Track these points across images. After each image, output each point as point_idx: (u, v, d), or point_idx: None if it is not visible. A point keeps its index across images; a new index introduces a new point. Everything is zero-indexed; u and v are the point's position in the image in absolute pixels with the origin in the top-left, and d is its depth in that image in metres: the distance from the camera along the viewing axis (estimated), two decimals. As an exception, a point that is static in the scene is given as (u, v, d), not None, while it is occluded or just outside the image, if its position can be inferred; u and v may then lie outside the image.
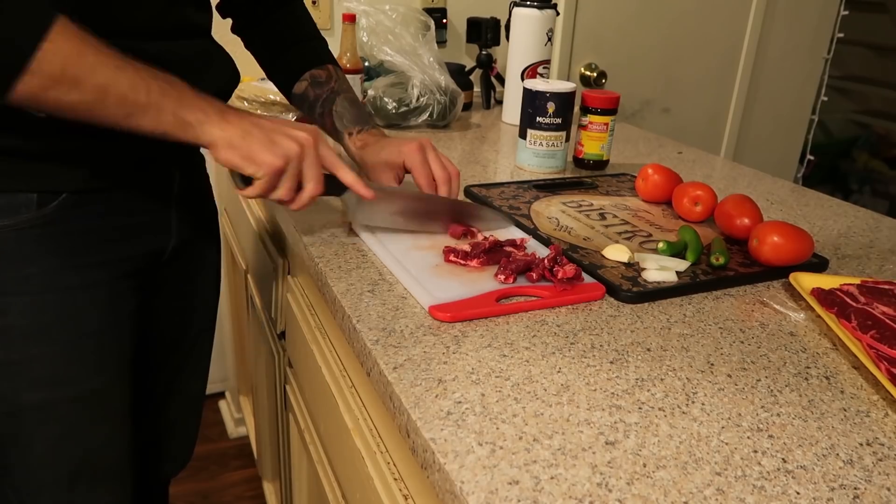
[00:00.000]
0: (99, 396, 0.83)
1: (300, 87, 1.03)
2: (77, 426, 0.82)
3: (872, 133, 3.05)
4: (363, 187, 0.80)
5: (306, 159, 0.75)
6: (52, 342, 0.77)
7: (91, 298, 0.79)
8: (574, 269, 0.77)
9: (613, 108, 1.23)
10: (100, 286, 0.79)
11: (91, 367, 0.81)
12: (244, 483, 1.84)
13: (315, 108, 1.02)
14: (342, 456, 0.84)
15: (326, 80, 1.02)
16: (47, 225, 0.73)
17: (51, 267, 0.75)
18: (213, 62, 0.86)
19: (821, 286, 0.80)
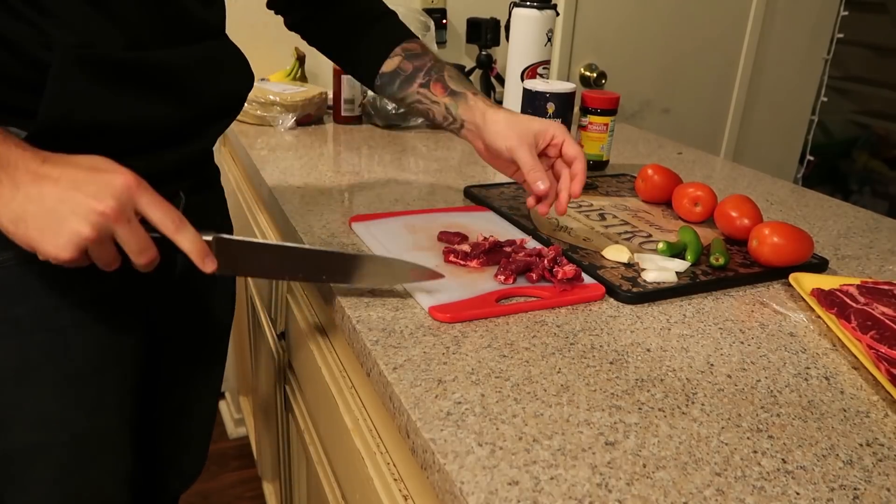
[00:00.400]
0: (96, 435, 0.77)
1: (391, 64, 0.94)
2: (72, 467, 0.77)
3: (872, 133, 3.05)
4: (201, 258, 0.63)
5: (117, 231, 0.57)
6: (43, 384, 0.71)
7: (85, 337, 0.73)
8: (574, 270, 0.77)
9: (613, 108, 1.23)
10: (96, 323, 0.73)
11: (87, 407, 0.75)
12: (244, 483, 1.84)
13: (415, 79, 0.93)
14: (342, 456, 0.84)
15: (424, 52, 0.95)
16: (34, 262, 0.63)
17: (41, 306, 0.69)
18: (225, 65, 0.79)
19: (821, 287, 0.80)
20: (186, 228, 0.61)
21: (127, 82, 0.66)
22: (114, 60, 0.65)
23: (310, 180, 1.13)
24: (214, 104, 0.77)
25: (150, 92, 0.68)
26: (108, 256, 0.59)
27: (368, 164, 1.25)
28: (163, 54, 0.69)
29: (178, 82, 0.71)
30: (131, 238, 0.58)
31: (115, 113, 0.66)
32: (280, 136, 1.39)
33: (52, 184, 0.55)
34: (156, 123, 0.70)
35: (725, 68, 2.17)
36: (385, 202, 1.04)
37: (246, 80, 0.83)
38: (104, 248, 0.58)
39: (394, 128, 1.50)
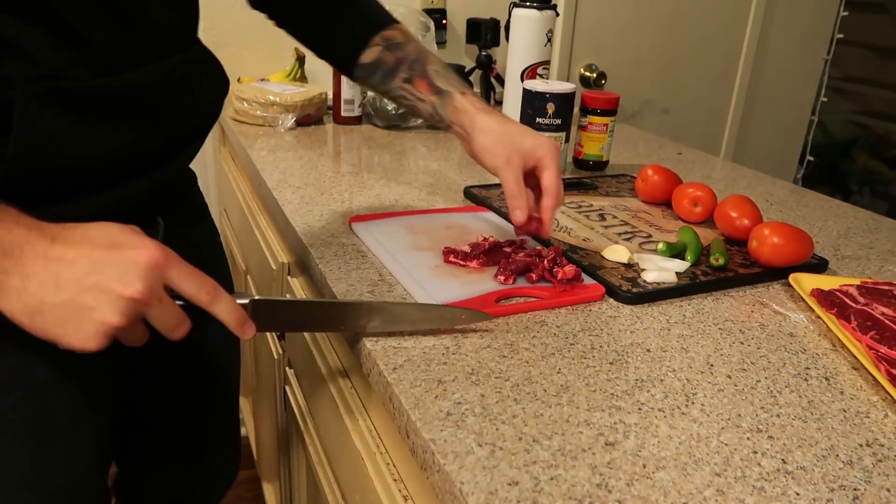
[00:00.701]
0: (71, 490, 0.73)
1: (370, 55, 0.87)
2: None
3: (872, 134, 3.05)
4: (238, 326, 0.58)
5: (150, 312, 0.52)
6: (16, 443, 0.67)
7: (60, 392, 0.68)
8: (574, 270, 0.77)
9: (613, 108, 1.23)
10: (69, 377, 0.68)
11: (61, 463, 0.71)
12: (244, 484, 1.83)
13: (397, 73, 0.86)
14: (342, 457, 0.84)
15: (405, 41, 0.87)
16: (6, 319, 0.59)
17: (18, 362, 0.64)
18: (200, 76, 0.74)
19: (820, 287, 0.80)
20: (222, 297, 0.56)
21: (95, 113, 0.61)
22: (81, 91, 0.60)
23: (310, 181, 1.13)
24: (190, 121, 0.73)
25: (120, 120, 0.63)
26: (139, 336, 0.54)
27: (368, 164, 1.25)
28: (132, 77, 0.63)
29: (149, 104, 0.66)
30: (164, 317, 0.53)
31: (86, 147, 0.61)
32: (280, 137, 1.39)
33: (68, 268, 0.49)
34: (127, 152, 0.65)
35: (725, 68, 2.17)
36: (385, 202, 1.04)
37: (222, 88, 0.78)
38: (135, 330, 0.53)
39: (394, 128, 1.50)
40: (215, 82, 0.77)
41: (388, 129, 1.50)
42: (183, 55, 0.71)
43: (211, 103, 0.76)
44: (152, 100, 0.66)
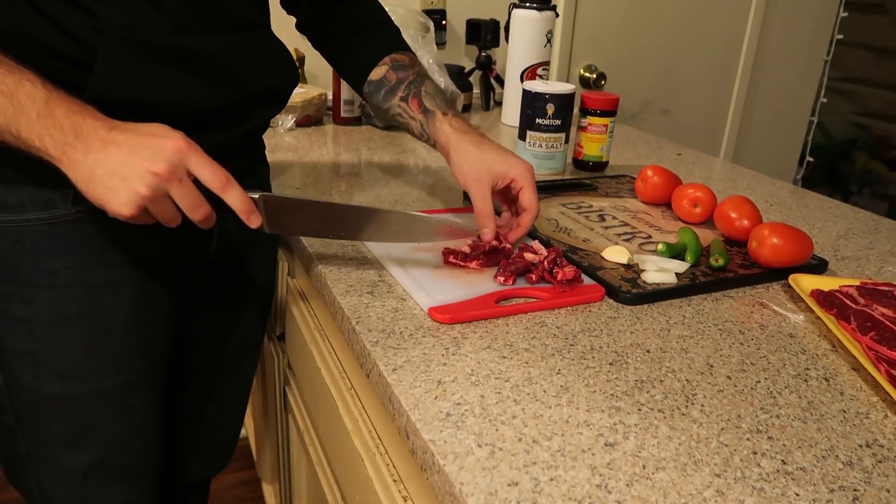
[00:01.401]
0: (119, 394, 0.82)
1: (378, 73, 0.95)
2: (93, 421, 0.82)
3: (872, 134, 3.05)
4: (247, 214, 0.69)
5: (171, 190, 0.63)
6: (75, 336, 0.77)
7: (117, 297, 0.79)
8: (573, 271, 0.77)
9: (613, 109, 1.23)
10: (127, 285, 0.79)
11: (113, 364, 0.81)
12: (243, 484, 1.83)
13: (396, 92, 0.93)
14: (342, 457, 0.84)
15: (411, 64, 0.95)
16: (79, 222, 0.74)
17: (79, 262, 0.75)
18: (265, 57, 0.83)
19: (820, 287, 0.80)
20: (233, 186, 0.67)
21: (168, 64, 0.71)
22: (157, 43, 0.70)
23: (309, 181, 1.13)
24: (253, 92, 0.80)
25: (189, 74, 0.73)
26: (168, 213, 0.65)
27: (368, 165, 1.25)
28: (203, 40, 0.74)
29: (217, 67, 0.75)
30: (184, 196, 0.64)
31: (156, 91, 0.71)
32: (280, 138, 1.39)
33: (116, 149, 0.62)
34: (194, 104, 0.74)
35: (725, 69, 2.17)
36: (385, 203, 1.04)
37: (286, 76, 0.86)
38: (161, 205, 0.64)
39: (393, 129, 1.50)
40: (280, 67, 0.85)
41: (387, 130, 1.50)
42: (252, 34, 0.81)
43: (274, 84, 0.84)
44: (220, 63, 0.75)
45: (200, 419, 1.03)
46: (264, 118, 0.86)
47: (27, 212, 0.72)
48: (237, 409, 1.09)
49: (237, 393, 1.07)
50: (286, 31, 1.03)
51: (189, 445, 1.04)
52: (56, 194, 0.73)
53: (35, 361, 0.77)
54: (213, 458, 1.10)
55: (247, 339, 1.03)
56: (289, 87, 0.87)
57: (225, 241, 0.87)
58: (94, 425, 0.82)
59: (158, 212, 0.65)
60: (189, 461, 1.06)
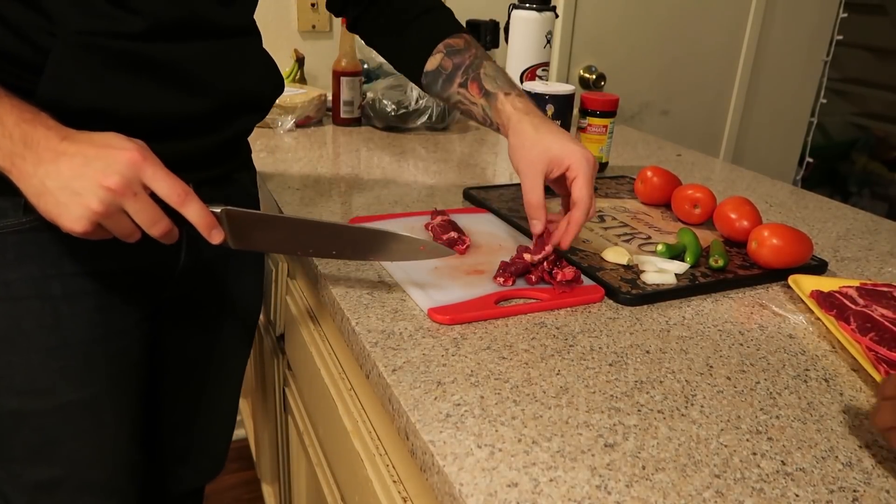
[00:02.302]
0: (82, 409, 0.78)
1: (434, 62, 0.90)
2: (57, 436, 0.78)
3: (871, 135, 3.05)
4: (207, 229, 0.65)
5: (126, 204, 0.60)
6: (31, 350, 0.73)
7: (75, 308, 0.74)
8: (573, 272, 0.77)
9: (612, 110, 1.23)
10: (86, 296, 0.75)
11: (74, 378, 0.77)
12: (243, 485, 1.83)
13: (454, 79, 0.89)
14: (341, 458, 0.84)
15: (466, 47, 0.90)
16: (31, 231, 0.70)
17: (33, 273, 0.71)
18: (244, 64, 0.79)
19: (820, 288, 0.80)
20: (192, 200, 0.63)
21: (130, 71, 0.68)
22: (117, 49, 0.66)
23: (309, 182, 1.13)
24: (231, 100, 0.77)
25: (155, 82, 0.69)
26: (124, 228, 0.62)
27: (367, 165, 1.25)
28: (171, 47, 0.70)
29: (188, 75, 0.71)
30: (140, 211, 0.61)
31: (117, 99, 0.67)
32: (279, 138, 1.39)
33: (68, 160, 0.59)
34: (162, 113, 0.71)
35: (725, 70, 2.17)
36: (384, 204, 1.04)
37: (268, 83, 0.83)
38: (117, 220, 0.61)
39: (393, 130, 1.50)
40: (262, 74, 0.82)
41: (387, 131, 1.50)
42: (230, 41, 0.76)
43: (254, 91, 0.81)
44: (188, 72, 0.71)
45: (190, 429, 1.01)
46: (244, 126, 0.82)
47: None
48: (227, 418, 1.07)
49: (226, 403, 1.05)
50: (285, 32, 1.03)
51: (180, 455, 1.02)
52: (6, 203, 0.69)
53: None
54: (205, 467, 1.08)
55: (228, 353, 0.99)
56: (271, 94, 0.84)
57: (195, 254, 0.82)
58: (58, 440, 0.78)
59: (114, 227, 0.61)
60: (181, 470, 1.04)
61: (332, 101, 1.52)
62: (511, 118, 0.83)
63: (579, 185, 0.77)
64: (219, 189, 0.81)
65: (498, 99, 0.85)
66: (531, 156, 0.79)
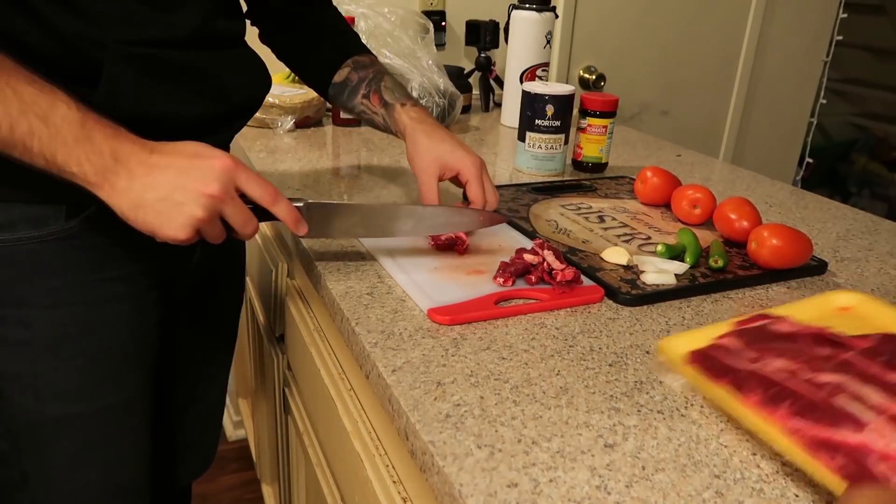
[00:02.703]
0: (120, 412, 0.82)
1: (341, 75, 0.98)
2: (97, 441, 0.81)
3: (871, 136, 3.05)
4: (295, 223, 0.72)
5: (225, 209, 0.65)
6: (76, 355, 0.76)
7: (114, 312, 0.78)
8: (573, 272, 0.77)
9: (612, 110, 1.23)
10: (122, 299, 0.78)
11: (113, 381, 0.80)
12: (243, 486, 1.83)
13: (359, 90, 0.97)
14: (341, 458, 0.84)
15: (371, 63, 0.98)
16: (73, 237, 0.72)
17: (75, 280, 0.74)
18: (247, 70, 0.84)
19: (695, 347, 0.61)
20: (282, 199, 0.69)
21: (167, 78, 0.72)
22: (157, 58, 0.70)
23: (308, 182, 1.13)
24: (235, 105, 0.82)
25: (185, 88, 0.74)
26: (217, 232, 0.66)
27: (367, 166, 1.25)
28: (196, 56, 0.75)
29: (207, 81, 0.76)
30: (237, 214, 0.66)
31: (157, 105, 0.71)
32: (279, 139, 1.39)
33: (163, 172, 0.62)
34: (187, 117, 0.75)
35: (724, 70, 2.17)
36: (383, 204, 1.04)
37: (263, 85, 0.88)
38: (214, 225, 0.65)
39: (393, 130, 1.50)
40: (258, 78, 0.87)
41: (386, 132, 1.49)
42: (235, 50, 0.82)
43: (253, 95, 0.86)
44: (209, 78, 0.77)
45: (183, 425, 1.03)
46: (241, 127, 0.87)
47: (18, 230, 0.70)
48: (216, 409, 1.10)
49: (215, 394, 1.08)
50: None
51: (172, 452, 1.03)
52: (48, 210, 0.71)
53: (35, 385, 0.75)
54: (197, 461, 1.10)
55: (215, 350, 1.04)
56: (263, 97, 0.89)
57: (206, 249, 0.86)
58: (97, 445, 0.81)
59: (210, 232, 0.65)
60: (177, 467, 1.05)
61: (331, 102, 1.52)
62: (406, 126, 0.92)
63: (472, 187, 0.87)
64: None
65: (395, 109, 0.94)
66: (424, 162, 0.88)
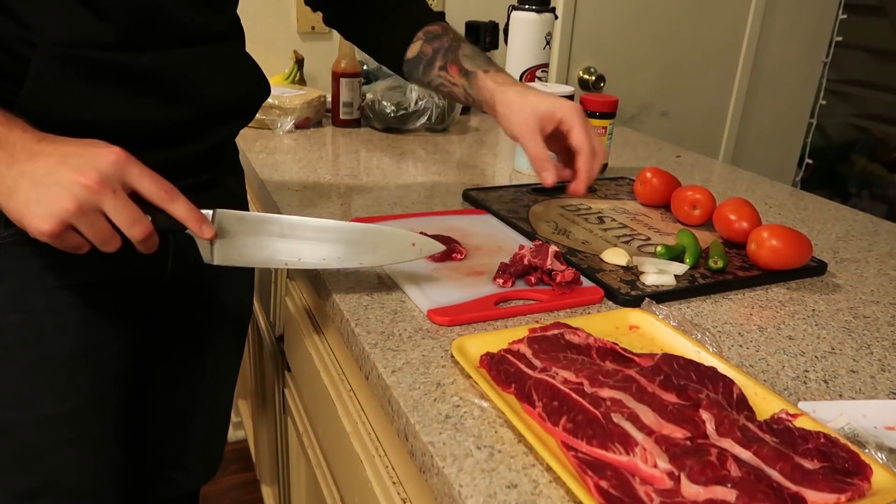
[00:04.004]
0: (65, 420, 0.78)
1: (414, 49, 0.94)
2: (38, 448, 0.77)
3: (871, 137, 3.05)
4: (197, 224, 0.64)
5: (104, 203, 0.57)
6: (14, 363, 0.73)
7: (59, 322, 0.74)
8: (573, 273, 0.77)
9: (612, 111, 1.23)
10: (69, 310, 0.74)
11: (56, 391, 0.76)
12: (242, 487, 1.83)
13: (434, 63, 0.92)
14: (341, 459, 0.83)
15: (444, 32, 0.94)
16: (13, 245, 0.69)
17: (15, 288, 0.71)
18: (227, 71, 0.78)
19: (489, 350, 0.62)
20: (179, 197, 0.62)
21: (112, 83, 0.67)
22: (96, 60, 0.65)
23: (308, 183, 1.13)
24: (216, 107, 0.77)
25: (137, 92, 0.69)
26: (100, 232, 0.59)
27: (367, 166, 1.25)
28: (151, 57, 0.69)
29: (170, 83, 0.71)
30: (119, 210, 0.58)
31: (99, 112, 0.67)
32: (279, 140, 1.39)
33: (44, 159, 0.57)
34: (144, 122, 0.71)
35: (724, 71, 2.17)
36: (384, 205, 1.04)
37: (253, 89, 0.82)
38: (92, 222, 0.58)
39: (392, 131, 1.50)
40: (245, 80, 0.81)
41: (386, 132, 1.50)
42: (212, 48, 0.75)
43: (238, 98, 0.80)
44: (170, 81, 0.71)
45: (184, 434, 1.00)
46: (229, 133, 0.83)
47: None
48: (220, 422, 1.06)
49: (219, 408, 1.05)
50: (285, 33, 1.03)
51: (174, 460, 1.02)
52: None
53: None
54: (200, 470, 1.07)
55: (218, 360, 0.99)
56: (256, 100, 0.84)
57: (182, 264, 0.81)
58: (40, 452, 0.78)
59: (88, 230, 0.58)
60: (176, 474, 1.03)
61: (331, 103, 1.52)
62: (494, 92, 0.86)
63: (576, 133, 0.81)
64: (204, 192, 0.80)
65: (478, 77, 0.88)
66: (521, 118, 0.82)
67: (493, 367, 0.60)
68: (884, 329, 0.76)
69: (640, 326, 0.70)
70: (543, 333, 0.64)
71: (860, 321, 0.77)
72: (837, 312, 0.79)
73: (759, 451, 0.48)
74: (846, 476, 0.47)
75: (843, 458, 0.49)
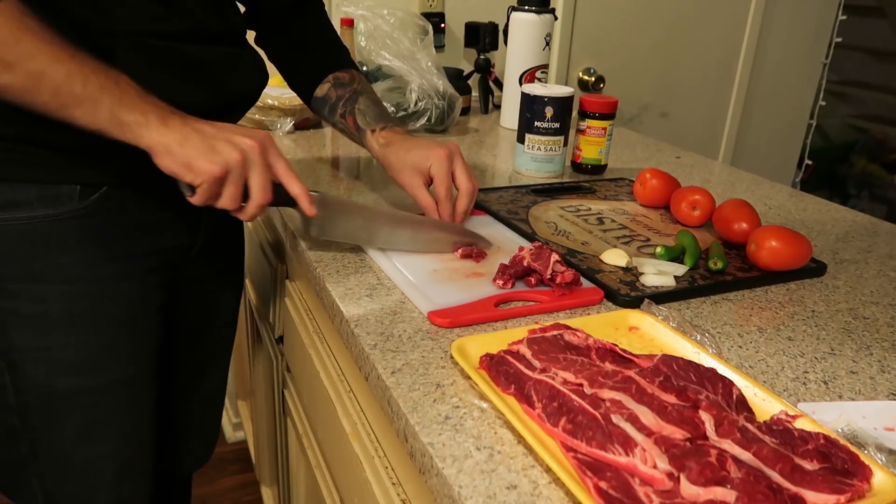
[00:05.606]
0: (127, 387, 0.85)
1: (322, 90, 1.02)
2: (104, 415, 0.84)
3: (870, 137, 3.06)
4: (308, 202, 0.77)
5: (251, 167, 0.71)
6: (86, 330, 0.79)
7: (123, 290, 0.82)
8: (572, 274, 0.77)
9: (611, 112, 1.23)
10: (131, 278, 0.82)
11: (121, 357, 0.83)
12: (242, 487, 1.83)
13: (336, 109, 1.01)
14: (340, 460, 0.84)
15: (349, 82, 1.02)
16: (86, 216, 0.77)
17: (87, 257, 0.78)
18: (245, 64, 0.87)
19: (489, 351, 0.62)
20: (299, 179, 0.76)
21: (171, 68, 0.76)
22: (163, 49, 0.75)
23: (308, 184, 1.13)
24: (233, 98, 0.86)
25: (186, 79, 0.78)
26: (235, 192, 0.71)
27: (367, 167, 1.25)
28: (200, 49, 0.79)
29: (207, 73, 0.80)
30: (262, 174, 0.72)
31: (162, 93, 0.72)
32: (278, 140, 1.39)
33: (213, 126, 0.71)
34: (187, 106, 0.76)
35: (724, 72, 2.17)
36: (383, 206, 1.04)
37: (260, 80, 0.91)
38: (238, 180, 0.71)
39: (392, 132, 1.50)
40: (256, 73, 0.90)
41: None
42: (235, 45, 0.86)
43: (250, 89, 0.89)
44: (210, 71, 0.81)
45: (186, 411, 1.05)
46: (236, 119, 0.89)
47: (35, 209, 0.74)
48: (217, 397, 1.12)
49: (216, 382, 1.10)
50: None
51: (178, 439, 1.06)
52: (63, 190, 0.75)
53: (48, 358, 0.79)
54: (199, 451, 1.12)
55: (224, 327, 1.07)
56: (261, 90, 0.92)
57: (209, 231, 0.91)
58: (106, 419, 0.84)
59: (233, 185, 0.70)
60: (179, 455, 1.07)
61: (331, 104, 1.52)
62: (378, 154, 0.97)
63: (435, 183, 0.90)
64: None
65: (367, 135, 0.99)
66: (405, 176, 0.92)
67: (492, 368, 0.60)
68: (883, 330, 0.76)
69: (640, 327, 0.70)
70: (543, 334, 0.64)
71: (860, 322, 0.77)
72: (837, 313, 0.79)
73: (758, 452, 0.48)
74: (846, 477, 0.47)
75: (842, 460, 0.49)
